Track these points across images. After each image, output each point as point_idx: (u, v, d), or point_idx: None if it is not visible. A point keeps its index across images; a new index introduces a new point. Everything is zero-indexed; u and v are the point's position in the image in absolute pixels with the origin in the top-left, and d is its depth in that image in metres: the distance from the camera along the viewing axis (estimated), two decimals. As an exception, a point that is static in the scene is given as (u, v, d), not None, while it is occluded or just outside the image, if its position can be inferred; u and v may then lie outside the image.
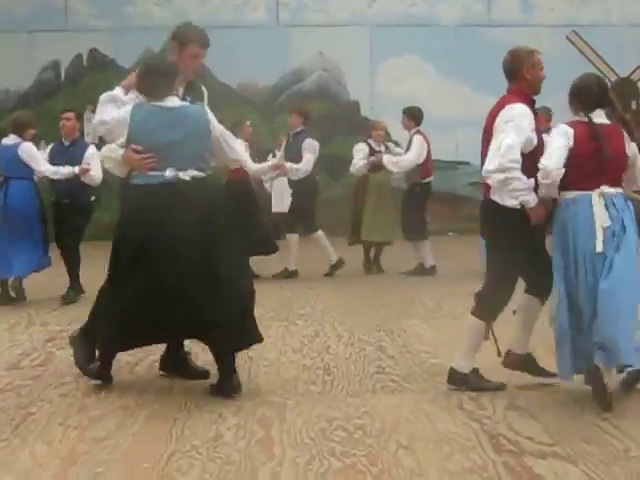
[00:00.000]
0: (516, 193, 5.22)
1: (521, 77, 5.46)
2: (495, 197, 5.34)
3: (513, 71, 5.50)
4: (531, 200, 5.24)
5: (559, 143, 5.26)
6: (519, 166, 5.18)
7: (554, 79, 5.78)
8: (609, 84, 5.81)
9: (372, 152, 11.33)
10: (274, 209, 11.97)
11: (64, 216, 9.23)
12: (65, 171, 9.08)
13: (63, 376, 5.99)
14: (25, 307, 8.76)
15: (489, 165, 5.25)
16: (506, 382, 5.57)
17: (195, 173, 5.38)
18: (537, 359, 5.65)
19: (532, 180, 5.25)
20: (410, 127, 11.35)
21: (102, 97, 5.63)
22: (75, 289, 9.26)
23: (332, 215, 11.90)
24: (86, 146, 9.46)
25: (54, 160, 9.19)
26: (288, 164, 10.44)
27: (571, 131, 5.28)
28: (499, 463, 4.15)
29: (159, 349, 6.76)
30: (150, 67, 5.60)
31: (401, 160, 11.18)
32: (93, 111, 18.71)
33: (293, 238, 11.14)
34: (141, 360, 6.42)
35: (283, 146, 11.15)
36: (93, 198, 9.65)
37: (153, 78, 5.46)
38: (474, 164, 17.23)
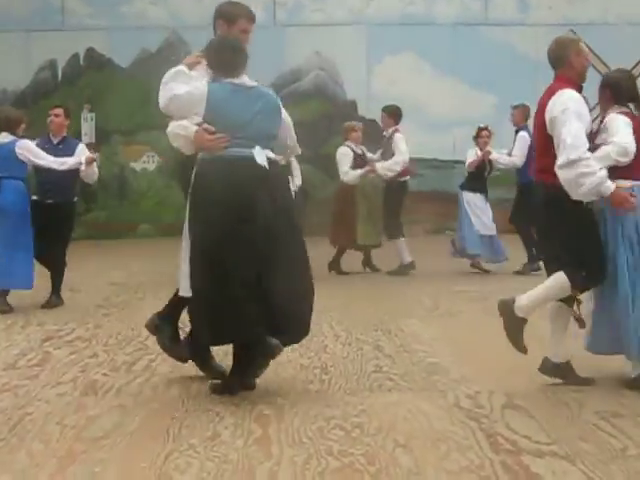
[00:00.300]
0: (592, 191, 5.19)
1: (568, 64, 5.49)
2: (568, 190, 5.28)
3: (560, 58, 5.52)
4: (606, 189, 5.20)
5: (628, 130, 5.34)
6: (589, 154, 5.18)
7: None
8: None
9: (355, 156, 11.29)
10: None
11: (46, 217, 8.64)
12: (71, 161, 8.75)
13: (60, 376, 5.98)
14: (22, 307, 8.73)
15: (559, 160, 5.22)
16: (502, 381, 5.57)
17: (270, 154, 5.28)
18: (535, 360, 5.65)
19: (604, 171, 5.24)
20: (389, 125, 11.36)
21: (167, 75, 5.37)
22: (58, 294, 9.00)
23: (329, 215, 11.86)
24: (76, 144, 9.20)
25: None
26: None
27: (630, 121, 5.38)
28: (496, 462, 4.15)
29: (157, 349, 6.77)
30: (224, 43, 5.43)
31: (394, 164, 11.14)
32: (90, 110, 18.72)
33: None
34: (138, 359, 6.42)
35: None
36: (76, 199, 9.33)
37: (228, 54, 5.34)
38: (471, 163, 17.28)
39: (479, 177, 11.48)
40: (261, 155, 5.21)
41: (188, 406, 5.17)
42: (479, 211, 11.36)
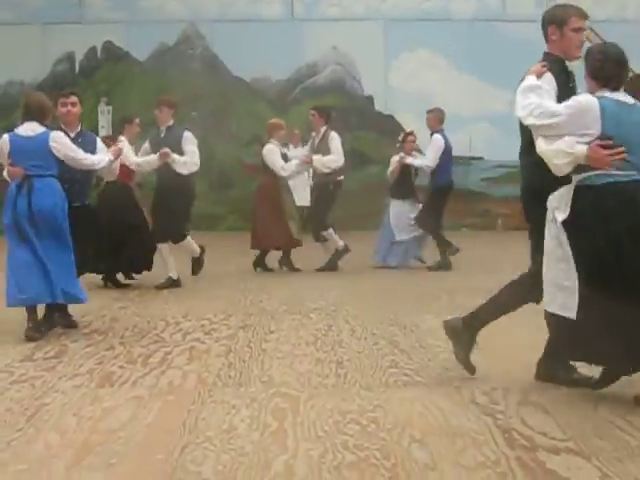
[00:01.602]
0: None
1: None
2: None
3: None
4: None
5: None
6: None
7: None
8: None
9: (280, 154, 11.30)
10: (297, 203, 11.93)
11: (73, 222, 7.18)
12: (107, 159, 7.56)
13: (77, 367, 6.01)
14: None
15: None
16: (518, 378, 5.57)
17: None
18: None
19: None
20: (320, 124, 11.35)
21: (526, 86, 5.22)
22: None
23: (346, 209, 11.88)
24: (94, 138, 7.95)
25: None
26: (174, 155, 9.88)
27: None
28: (512, 458, 4.15)
29: (173, 341, 6.80)
30: (608, 54, 5.20)
31: (332, 161, 11.16)
32: (107, 103, 18.71)
33: (164, 248, 10.12)
34: (154, 352, 6.44)
35: (148, 140, 10.41)
36: (88, 202, 7.94)
37: (611, 66, 5.15)
38: (487, 159, 17.23)
39: (404, 182, 11.70)
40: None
41: (204, 398, 5.19)
42: (404, 217, 11.73)
